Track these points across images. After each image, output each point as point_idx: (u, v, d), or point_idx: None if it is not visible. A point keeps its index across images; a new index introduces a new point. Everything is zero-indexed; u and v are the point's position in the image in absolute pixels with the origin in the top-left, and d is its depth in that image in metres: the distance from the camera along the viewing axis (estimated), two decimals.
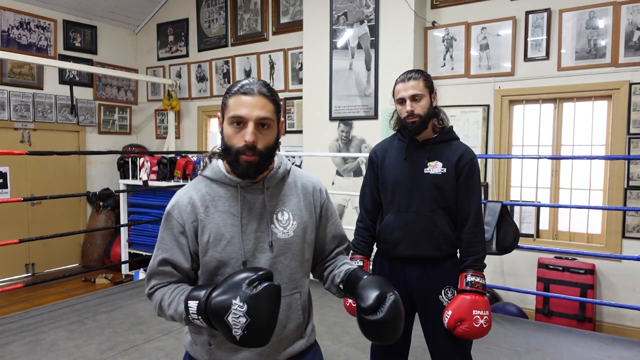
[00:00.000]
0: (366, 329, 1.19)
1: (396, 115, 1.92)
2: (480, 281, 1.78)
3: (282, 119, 1.27)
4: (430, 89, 1.86)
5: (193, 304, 1.11)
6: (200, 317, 1.10)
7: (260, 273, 1.10)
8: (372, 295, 1.17)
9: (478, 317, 1.72)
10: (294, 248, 1.28)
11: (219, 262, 1.21)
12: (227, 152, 1.20)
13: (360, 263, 1.97)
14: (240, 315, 1.05)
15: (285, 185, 1.31)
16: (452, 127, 1.93)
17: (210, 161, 1.30)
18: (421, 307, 1.89)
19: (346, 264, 1.38)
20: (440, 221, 1.83)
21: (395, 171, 1.90)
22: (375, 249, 2.04)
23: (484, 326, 1.73)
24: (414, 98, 1.81)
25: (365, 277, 1.26)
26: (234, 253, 1.21)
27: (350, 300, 1.94)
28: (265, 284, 1.09)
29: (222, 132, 1.22)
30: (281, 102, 1.29)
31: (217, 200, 1.24)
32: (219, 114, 1.25)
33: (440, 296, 1.84)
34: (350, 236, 1.90)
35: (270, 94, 1.19)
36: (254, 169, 1.19)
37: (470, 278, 1.77)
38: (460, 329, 1.73)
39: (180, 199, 1.25)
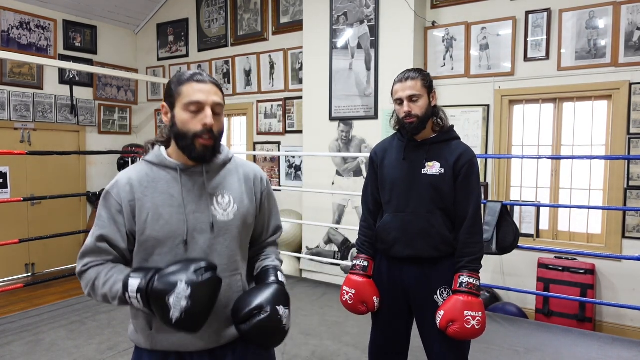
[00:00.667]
0: (238, 333, 1.28)
1: (396, 115, 1.92)
2: (475, 282, 1.77)
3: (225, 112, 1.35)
4: (429, 89, 1.84)
5: (134, 282, 1.16)
6: (138, 296, 1.15)
7: (207, 264, 1.18)
8: (248, 305, 1.25)
9: (470, 318, 1.70)
10: (233, 230, 1.31)
11: (156, 240, 1.25)
12: (182, 137, 1.24)
13: (365, 263, 1.97)
14: (182, 298, 1.11)
15: (226, 170, 1.36)
16: (452, 126, 1.92)
17: (152, 148, 1.35)
18: (417, 307, 1.89)
19: (268, 259, 1.45)
20: (437, 222, 1.82)
21: (393, 171, 1.89)
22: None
23: (476, 327, 1.72)
24: (412, 98, 1.80)
25: (267, 282, 1.34)
26: (172, 232, 1.25)
27: (346, 296, 1.94)
28: (211, 274, 1.17)
29: (172, 120, 1.26)
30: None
31: (157, 182, 1.28)
32: (164, 103, 1.30)
33: (435, 296, 1.84)
34: (354, 236, 1.90)
35: (218, 83, 1.30)
36: (210, 152, 1.26)
37: (464, 279, 1.76)
38: (451, 330, 1.72)
39: (119, 179, 1.30)
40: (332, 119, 4.60)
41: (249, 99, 5.59)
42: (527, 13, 3.90)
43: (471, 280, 1.76)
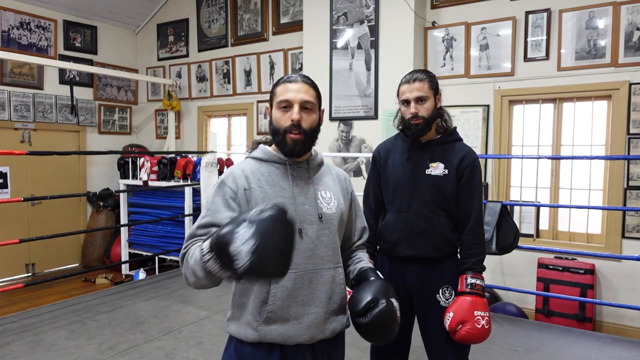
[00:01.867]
0: (356, 329, 1.32)
1: (400, 115, 1.92)
2: (480, 283, 1.78)
3: (322, 107, 1.41)
4: (435, 91, 1.85)
5: (207, 242, 1.08)
6: (212, 254, 1.05)
7: (272, 205, 1.07)
8: (363, 299, 1.28)
9: (479, 317, 1.72)
10: (335, 223, 1.39)
11: None
12: (275, 133, 1.34)
13: None
14: (245, 239, 1.00)
15: (322, 170, 1.46)
16: (455, 128, 1.93)
17: (257, 147, 1.43)
18: (419, 306, 1.90)
19: (362, 262, 1.50)
20: (440, 222, 1.83)
21: (397, 172, 1.90)
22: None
23: (485, 327, 1.73)
24: (419, 100, 1.81)
25: (371, 279, 1.38)
26: None
27: (348, 297, 1.95)
28: (275, 212, 1.05)
29: (271, 119, 1.36)
30: (320, 93, 1.41)
31: (268, 176, 1.34)
32: (267, 105, 1.41)
33: (437, 296, 1.84)
34: None
35: (311, 82, 1.37)
36: (299, 146, 1.33)
37: (470, 280, 1.77)
38: (462, 331, 1.72)
39: (234, 170, 1.35)
40: (332, 119, 4.60)
41: (249, 99, 5.59)
42: (527, 13, 3.90)
43: (477, 281, 1.77)
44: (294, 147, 1.32)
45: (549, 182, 4.01)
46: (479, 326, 1.71)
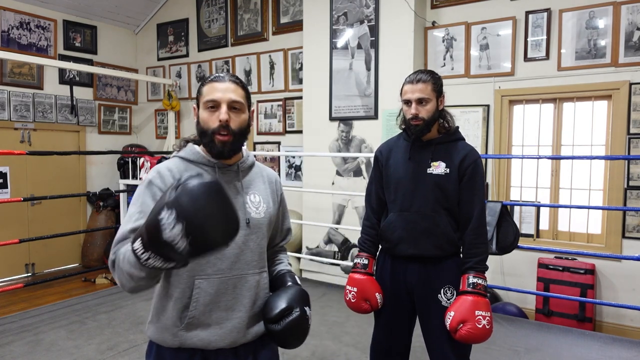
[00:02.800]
0: (268, 334, 1.32)
1: (403, 114, 1.93)
2: (482, 282, 1.78)
3: (252, 108, 1.37)
4: (439, 93, 1.85)
5: (138, 243, 1.01)
6: (149, 252, 0.98)
7: (187, 177, 1.01)
8: (277, 307, 1.29)
9: (480, 317, 1.71)
10: (263, 229, 1.37)
11: None
12: (203, 135, 1.29)
13: (366, 261, 1.98)
14: (173, 224, 0.93)
15: (253, 172, 1.41)
16: (457, 127, 1.93)
17: (185, 145, 1.37)
18: (420, 305, 1.90)
19: (281, 264, 1.51)
20: (442, 221, 1.83)
21: (399, 171, 1.91)
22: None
23: (487, 327, 1.72)
24: (420, 102, 1.81)
25: (287, 285, 1.38)
26: None
27: (349, 295, 1.96)
28: (192, 179, 0.99)
29: (198, 119, 1.31)
30: (250, 93, 1.38)
31: None
32: (194, 105, 1.35)
33: (439, 295, 1.84)
34: (354, 236, 1.91)
35: (239, 81, 1.32)
36: (228, 148, 1.28)
37: (472, 279, 1.77)
38: (463, 331, 1.72)
39: (160, 168, 1.30)
40: (332, 119, 4.60)
41: None
42: (527, 13, 3.90)
43: (479, 281, 1.77)
44: (222, 149, 1.28)
45: (549, 182, 4.01)
46: (480, 326, 1.71)
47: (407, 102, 1.85)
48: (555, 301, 3.70)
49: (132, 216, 1.23)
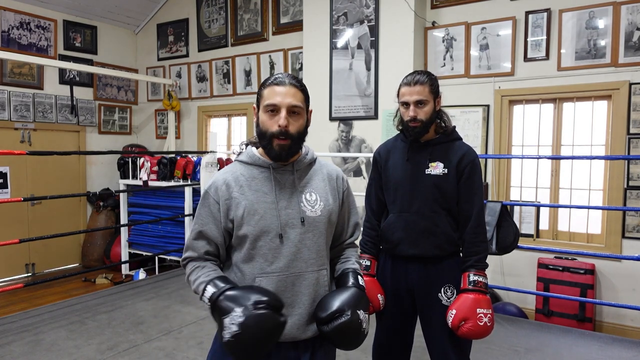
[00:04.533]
0: (320, 333, 1.34)
1: (400, 115, 1.93)
2: (483, 280, 1.79)
3: (310, 108, 1.40)
4: (435, 94, 1.86)
5: (210, 290, 1.26)
6: (208, 304, 1.26)
7: (271, 300, 1.22)
8: (329, 308, 1.30)
9: (482, 315, 1.72)
10: (321, 226, 1.38)
11: (252, 235, 1.32)
12: (262, 137, 1.34)
13: (368, 263, 1.98)
14: (234, 323, 1.17)
15: (312, 170, 1.44)
16: (454, 127, 1.94)
17: (245, 148, 1.44)
18: (421, 305, 1.90)
19: (348, 262, 1.50)
20: (441, 221, 1.84)
21: (397, 172, 1.91)
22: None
23: (488, 324, 1.73)
24: (418, 103, 1.82)
25: (347, 285, 1.39)
26: (267, 227, 1.32)
27: None
28: (268, 311, 1.20)
29: (257, 121, 1.36)
30: (309, 94, 1.41)
31: (251, 181, 1.36)
32: (254, 105, 1.40)
33: (439, 294, 1.85)
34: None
35: (299, 84, 1.35)
36: (286, 152, 1.33)
37: (473, 277, 1.78)
38: (464, 328, 1.73)
39: (216, 179, 1.39)
40: (332, 119, 4.60)
41: (249, 99, 5.59)
42: (527, 13, 3.90)
43: (480, 279, 1.78)
44: (280, 153, 1.32)
45: (549, 182, 4.01)
46: (481, 323, 1.72)
47: (405, 104, 1.85)
48: (555, 301, 3.70)
49: (194, 224, 1.40)
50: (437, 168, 1.84)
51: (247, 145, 1.45)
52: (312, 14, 4.70)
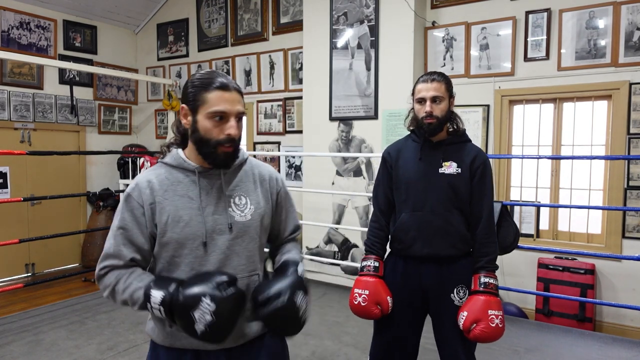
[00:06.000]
0: (258, 317, 1.30)
1: (412, 115, 1.94)
2: (494, 282, 1.79)
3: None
4: (450, 94, 1.88)
5: (157, 294, 1.17)
6: (161, 307, 1.17)
7: (229, 277, 1.19)
8: (265, 291, 1.26)
9: (493, 316, 1.72)
10: (251, 231, 1.34)
11: (176, 242, 1.27)
12: (204, 144, 1.26)
13: (377, 264, 1.95)
14: (206, 313, 1.13)
15: (242, 172, 1.38)
16: (465, 129, 1.96)
17: (170, 150, 1.36)
18: (434, 305, 1.90)
19: (289, 253, 1.45)
20: (455, 220, 1.84)
21: (409, 171, 1.91)
22: (388, 249, 2.03)
23: (500, 326, 1.73)
24: (435, 100, 1.83)
25: (288, 272, 1.33)
26: (192, 234, 1.27)
27: (359, 299, 1.90)
28: (234, 289, 1.19)
29: (194, 125, 1.26)
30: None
31: (176, 185, 1.30)
32: (183, 105, 1.29)
33: (452, 295, 1.85)
34: (354, 236, 1.90)
35: (240, 88, 1.30)
36: (231, 159, 1.29)
37: (483, 279, 1.78)
38: (477, 330, 1.72)
39: (139, 181, 1.30)
40: (332, 119, 4.60)
41: (249, 99, 5.59)
42: (527, 13, 3.90)
43: (490, 280, 1.78)
44: (226, 160, 1.28)
45: (549, 182, 4.01)
46: (493, 325, 1.72)
47: (421, 101, 1.86)
48: (555, 301, 3.70)
49: (114, 229, 1.30)
50: (450, 167, 1.85)
51: (169, 147, 1.37)
52: (312, 13, 4.70)
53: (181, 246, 1.27)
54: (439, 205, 1.84)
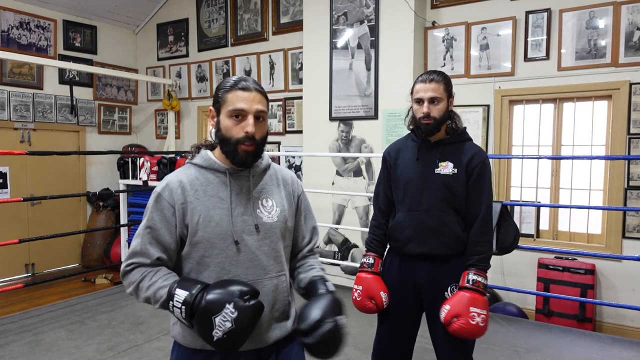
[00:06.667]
0: (303, 345, 1.30)
1: (411, 114, 1.94)
2: (482, 280, 1.78)
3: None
4: (449, 93, 1.88)
5: (180, 294, 1.18)
6: (183, 308, 1.17)
7: (251, 289, 1.20)
8: (311, 318, 1.26)
9: (475, 314, 1.72)
10: (278, 232, 1.37)
11: (208, 242, 1.28)
12: (225, 143, 1.30)
13: (372, 260, 1.99)
14: (228, 320, 1.14)
15: (267, 176, 1.41)
16: (465, 128, 1.95)
17: (199, 152, 1.39)
18: (428, 304, 1.91)
19: (313, 269, 1.47)
20: (450, 220, 1.84)
21: (407, 171, 1.92)
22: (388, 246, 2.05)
23: (480, 325, 1.72)
24: (432, 100, 1.83)
25: (319, 292, 1.35)
26: (223, 234, 1.29)
27: (355, 294, 1.97)
28: (256, 301, 1.20)
29: (217, 125, 1.32)
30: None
31: (207, 185, 1.32)
32: (211, 107, 1.36)
33: (446, 293, 1.85)
34: (354, 236, 1.91)
35: (262, 89, 1.33)
36: (251, 158, 1.30)
37: (471, 276, 1.78)
38: (455, 325, 1.73)
39: (171, 181, 1.32)
40: (332, 119, 4.60)
41: None
42: (527, 13, 3.90)
43: (479, 279, 1.78)
44: (246, 158, 1.29)
45: (549, 182, 4.01)
46: (473, 322, 1.71)
47: (419, 101, 1.86)
48: (555, 301, 3.70)
49: (143, 229, 1.30)
50: (446, 168, 1.85)
51: (198, 148, 1.40)
52: (312, 13, 4.69)
53: (212, 246, 1.28)
54: (435, 205, 1.85)
